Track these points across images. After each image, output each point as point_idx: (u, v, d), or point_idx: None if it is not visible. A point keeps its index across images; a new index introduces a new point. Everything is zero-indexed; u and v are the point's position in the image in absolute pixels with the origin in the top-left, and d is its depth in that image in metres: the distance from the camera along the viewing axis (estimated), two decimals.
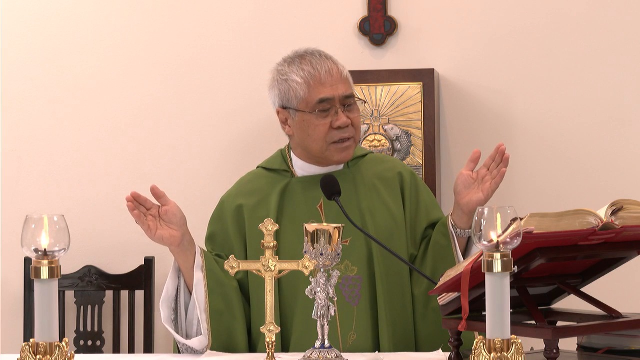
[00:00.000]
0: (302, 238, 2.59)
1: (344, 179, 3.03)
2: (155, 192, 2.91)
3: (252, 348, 3.01)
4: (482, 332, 2.08)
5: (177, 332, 2.94)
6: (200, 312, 2.92)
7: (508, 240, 2.06)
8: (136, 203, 2.88)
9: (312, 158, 3.06)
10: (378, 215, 3.03)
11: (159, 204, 2.93)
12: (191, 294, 2.96)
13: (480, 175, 2.98)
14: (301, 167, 3.10)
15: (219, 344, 2.93)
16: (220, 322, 2.94)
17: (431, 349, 2.91)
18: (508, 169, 2.98)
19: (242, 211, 3.08)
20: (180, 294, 2.97)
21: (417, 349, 2.98)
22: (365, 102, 3.38)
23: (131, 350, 4.00)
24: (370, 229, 2.97)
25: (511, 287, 2.12)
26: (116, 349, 4.03)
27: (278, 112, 3.07)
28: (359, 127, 3.05)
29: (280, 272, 2.50)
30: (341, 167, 3.10)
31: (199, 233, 4.01)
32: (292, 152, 3.12)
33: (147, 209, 2.91)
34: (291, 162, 3.11)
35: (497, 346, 2.01)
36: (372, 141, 3.88)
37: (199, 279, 2.94)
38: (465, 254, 3.01)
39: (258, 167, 3.19)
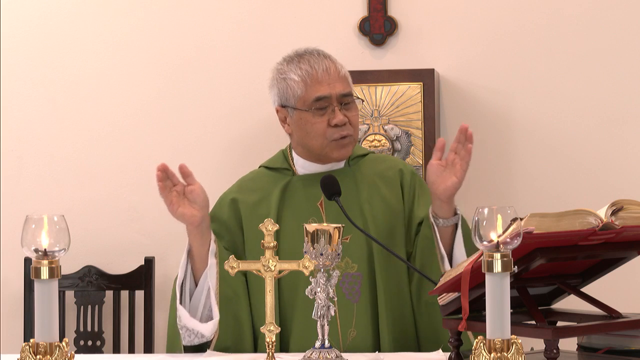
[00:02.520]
0: (303, 236, 2.60)
1: (344, 177, 3.04)
2: (183, 170, 2.92)
3: (254, 347, 3.01)
4: (482, 332, 2.08)
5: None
6: (212, 296, 2.91)
7: (508, 240, 2.06)
8: (164, 174, 2.88)
9: (312, 155, 3.08)
10: (378, 211, 3.03)
11: (184, 183, 2.93)
12: (196, 283, 2.95)
13: (449, 160, 2.97)
14: (302, 166, 3.11)
15: (227, 329, 2.92)
16: (228, 308, 2.95)
17: (431, 343, 2.91)
18: (508, 168, 2.98)
19: (237, 204, 3.09)
20: (186, 280, 2.97)
21: (417, 344, 2.98)
22: (363, 101, 3.38)
23: (131, 350, 4.00)
24: (370, 225, 2.98)
25: (511, 287, 2.12)
26: (116, 349, 4.03)
27: (277, 111, 3.09)
28: (356, 125, 3.06)
29: (280, 272, 2.50)
30: (342, 165, 3.11)
31: None
32: (293, 151, 3.13)
33: (173, 185, 2.91)
34: (292, 161, 3.13)
35: (497, 346, 2.01)
36: (372, 141, 3.88)
37: (212, 264, 2.94)
38: (453, 244, 2.99)
39: (260, 167, 3.21)
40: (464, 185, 4.03)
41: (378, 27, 4.04)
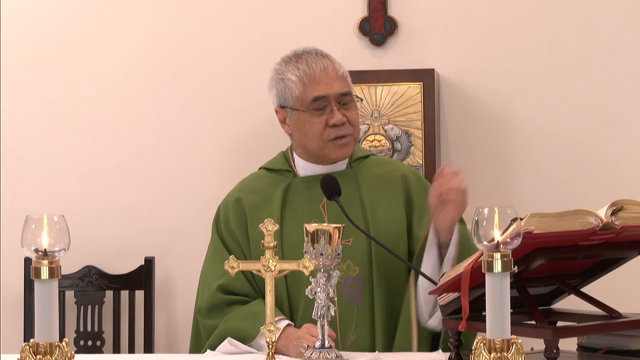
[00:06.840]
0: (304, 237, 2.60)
1: (345, 178, 3.03)
2: None
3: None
4: (482, 332, 2.08)
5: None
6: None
7: (508, 240, 2.06)
8: None
9: (312, 156, 3.06)
10: (380, 214, 3.02)
11: None
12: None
13: (446, 196, 2.89)
14: (303, 167, 3.10)
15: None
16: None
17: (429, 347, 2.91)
18: (508, 168, 2.98)
19: (241, 203, 3.07)
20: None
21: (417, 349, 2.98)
22: (361, 100, 3.35)
23: (131, 350, 4.00)
24: (371, 228, 2.97)
25: (511, 287, 2.12)
26: (116, 349, 4.03)
27: (276, 112, 3.08)
28: (356, 124, 3.04)
29: (280, 272, 2.50)
30: (343, 167, 3.10)
31: (197, 233, 4.02)
32: (294, 152, 3.12)
33: None
34: (293, 162, 3.11)
35: (497, 346, 2.01)
36: (372, 141, 3.88)
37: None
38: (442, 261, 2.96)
39: (260, 168, 3.20)
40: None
41: (378, 27, 4.04)
